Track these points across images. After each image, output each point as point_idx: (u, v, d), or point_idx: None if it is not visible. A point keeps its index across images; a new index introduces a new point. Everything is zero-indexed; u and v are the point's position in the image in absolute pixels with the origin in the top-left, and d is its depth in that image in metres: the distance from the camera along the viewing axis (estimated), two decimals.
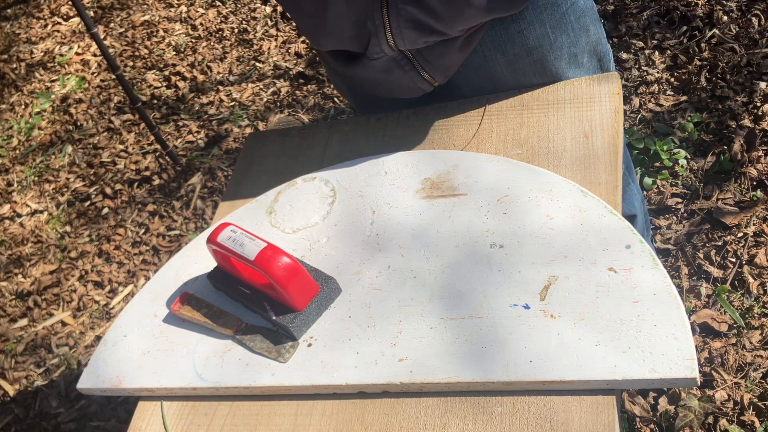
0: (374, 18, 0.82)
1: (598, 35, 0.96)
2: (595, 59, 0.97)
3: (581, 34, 0.93)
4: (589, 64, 0.96)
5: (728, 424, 1.31)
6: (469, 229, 0.83)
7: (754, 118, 1.74)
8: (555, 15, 0.89)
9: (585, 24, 0.93)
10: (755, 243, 1.54)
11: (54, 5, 3.21)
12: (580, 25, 0.92)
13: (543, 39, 0.90)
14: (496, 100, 0.96)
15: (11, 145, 2.62)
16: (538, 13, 0.88)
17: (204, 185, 2.20)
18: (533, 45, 0.90)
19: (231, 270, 0.86)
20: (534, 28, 0.89)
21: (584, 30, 0.93)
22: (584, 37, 0.93)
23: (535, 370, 0.69)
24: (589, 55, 0.96)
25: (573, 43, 0.92)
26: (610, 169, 0.83)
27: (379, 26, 0.83)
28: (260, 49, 2.62)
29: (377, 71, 0.90)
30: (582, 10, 0.92)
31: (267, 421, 0.77)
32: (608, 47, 0.99)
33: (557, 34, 0.91)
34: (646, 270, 0.73)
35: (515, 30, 0.89)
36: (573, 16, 0.91)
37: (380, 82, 0.93)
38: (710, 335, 1.44)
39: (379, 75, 0.91)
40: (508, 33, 0.89)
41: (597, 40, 0.96)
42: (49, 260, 2.17)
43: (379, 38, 0.84)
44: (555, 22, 0.90)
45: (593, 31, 0.95)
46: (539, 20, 0.89)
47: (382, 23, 0.82)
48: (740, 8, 2.01)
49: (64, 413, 1.79)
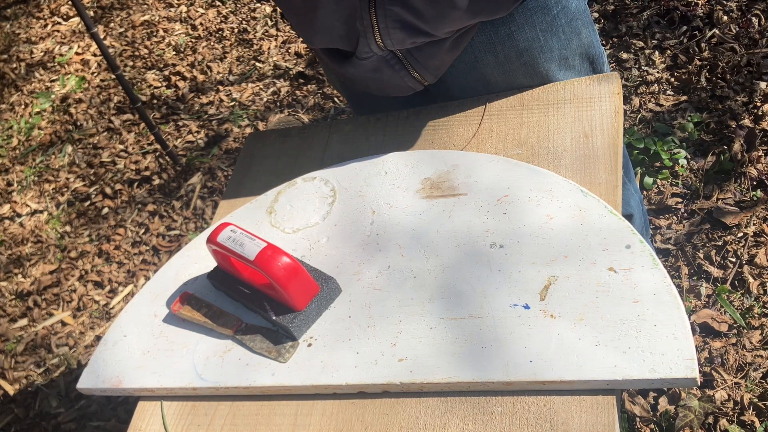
0: (362, 18, 0.83)
1: (590, 38, 0.96)
2: (586, 62, 0.97)
3: (572, 37, 0.93)
4: (581, 66, 0.97)
5: (728, 424, 1.31)
6: (469, 229, 0.83)
7: (754, 118, 1.74)
8: (546, 18, 0.90)
9: (576, 27, 0.93)
10: (755, 243, 1.54)
11: (54, 5, 3.21)
12: (571, 28, 0.92)
13: (533, 42, 0.91)
14: (496, 100, 0.96)
15: (11, 145, 2.62)
16: (528, 16, 0.89)
17: (204, 185, 2.20)
18: (523, 47, 0.91)
19: (231, 270, 0.86)
20: (524, 31, 0.90)
21: (575, 33, 0.93)
22: (575, 40, 0.94)
23: (535, 370, 0.69)
24: (581, 57, 0.96)
25: (564, 45, 0.93)
26: (610, 169, 0.83)
27: (367, 27, 0.83)
28: (260, 49, 2.62)
29: (368, 70, 0.91)
30: (573, 14, 0.92)
31: (267, 421, 0.77)
32: (601, 49, 1.00)
33: (548, 37, 0.91)
34: (646, 270, 0.73)
35: (505, 32, 0.90)
36: (564, 19, 0.91)
37: (371, 80, 0.94)
38: (710, 335, 1.44)
39: (369, 74, 0.92)
40: (498, 35, 0.90)
41: (589, 43, 0.96)
42: (49, 260, 2.17)
43: (367, 38, 0.85)
44: (546, 25, 0.90)
45: (585, 34, 0.95)
46: (529, 23, 0.89)
47: (370, 24, 0.83)
48: (740, 8, 2.01)
49: (64, 413, 1.79)
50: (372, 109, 1.05)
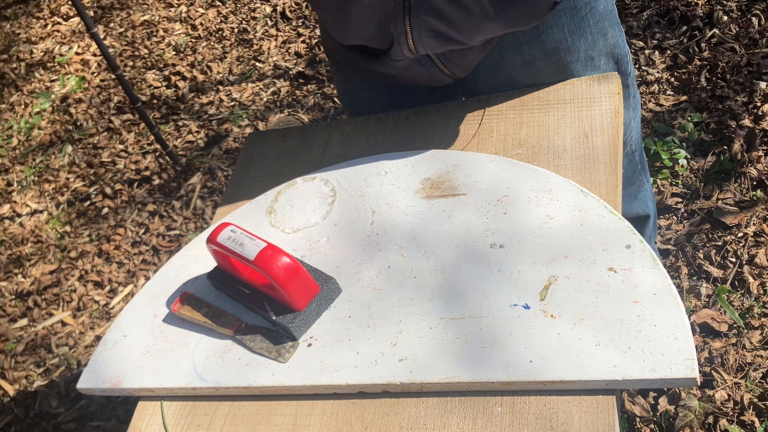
0: (396, 25, 0.83)
1: (616, 38, 0.96)
2: (612, 61, 0.97)
3: (599, 38, 0.93)
4: (606, 66, 0.97)
5: (728, 424, 1.31)
6: (469, 229, 0.83)
7: (754, 118, 1.74)
8: (574, 20, 0.90)
9: (603, 28, 0.93)
10: (755, 243, 1.54)
11: (54, 5, 3.21)
12: (598, 29, 0.92)
13: (560, 43, 0.91)
14: (496, 100, 0.96)
15: (11, 145, 2.62)
16: (557, 18, 0.89)
17: (204, 185, 2.20)
18: (551, 48, 0.91)
19: (231, 270, 0.86)
20: (552, 32, 0.90)
21: (602, 34, 0.93)
22: (602, 40, 0.94)
23: (535, 370, 0.69)
24: (606, 57, 0.96)
25: (590, 46, 0.93)
26: (610, 169, 0.83)
27: (401, 33, 0.84)
28: (260, 48, 2.62)
29: (399, 69, 0.92)
30: (601, 14, 0.92)
31: (267, 421, 0.77)
32: (626, 49, 0.99)
33: (575, 38, 0.91)
34: (646, 270, 0.73)
35: (533, 33, 0.90)
36: (592, 20, 0.91)
37: (402, 76, 0.94)
38: (710, 335, 1.44)
39: (401, 71, 0.93)
40: (526, 36, 0.90)
41: (615, 43, 0.96)
42: (49, 260, 2.17)
43: (400, 43, 0.85)
44: (574, 26, 0.90)
45: (611, 34, 0.95)
46: (558, 24, 0.89)
47: (404, 31, 0.84)
48: (740, 8, 2.01)
49: (64, 413, 1.79)
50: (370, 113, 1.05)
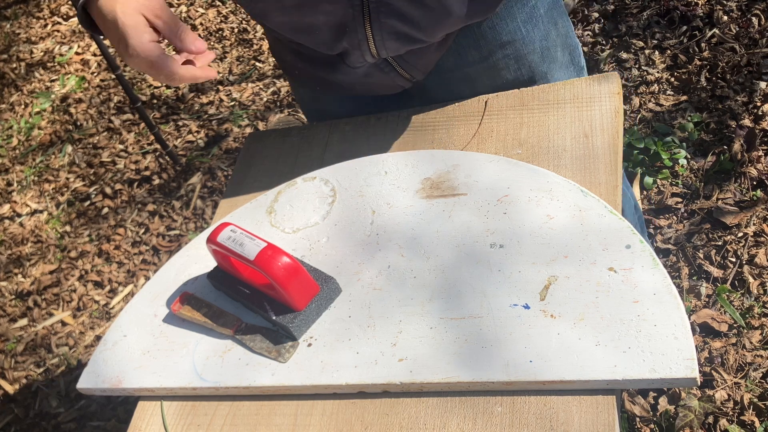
0: (356, 32, 0.84)
1: (566, 28, 0.98)
2: (566, 52, 0.99)
3: (551, 27, 0.95)
4: (562, 57, 0.99)
5: (728, 424, 1.31)
6: (469, 229, 0.83)
7: (754, 117, 1.73)
8: (525, 9, 0.92)
9: (553, 17, 0.95)
10: (755, 243, 1.54)
11: (54, 5, 3.21)
12: (548, 17, 0.95)
13: (515, 33, 0.92)
14: (496, 100, 0.96)
15: (11, 145, 2.62)
16: (508, 8, 0.91)
17: (204, 185, 2.19)
18: (506, 40, 0.93)
19: (231, 270, 0.86)
20: (506, 23, 0.91)
21: (553, 23, 0.95)
22: (553, 30, 0.96)
23: (535, 370, 0.69)
24: (561, 48, 0.98)
25: (544, 36, 0.95)
26: (610, 169, 0.83)
27: (362, 39, 0.85)
28: (260, 48, 2.61)
29: (359, 76, 0.93)
30: (550, 3, 0.94)
31: (267, 421, 0.77)
32: (577, 41, 1.02)
33: (528, 28, 0.93)
34: (646, 270, 0.73)
35: (488, 26, 0.91)
36: (542, 9, 0.93)
37: (361, 84, 0.96)
38: (710, 335, 1.44)
39: (360, 79, 0.94)
40: (481, 29, 0.91)
41: (566, 33, 0.98)
42: (49, 260, 2.17)
43: (362, 50, 0.86)
44: (525, 15, 0.92)
45: (561, 23, 0.97)
46: (510, 14, 0.91)
47: (365, 37, 0.84)
48: (740, 8, 2.01)
49: (64, 413, 1.79)
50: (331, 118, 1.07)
